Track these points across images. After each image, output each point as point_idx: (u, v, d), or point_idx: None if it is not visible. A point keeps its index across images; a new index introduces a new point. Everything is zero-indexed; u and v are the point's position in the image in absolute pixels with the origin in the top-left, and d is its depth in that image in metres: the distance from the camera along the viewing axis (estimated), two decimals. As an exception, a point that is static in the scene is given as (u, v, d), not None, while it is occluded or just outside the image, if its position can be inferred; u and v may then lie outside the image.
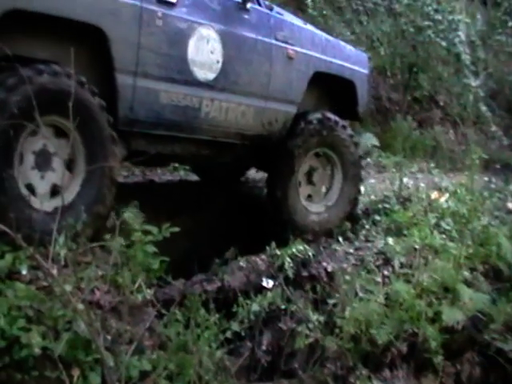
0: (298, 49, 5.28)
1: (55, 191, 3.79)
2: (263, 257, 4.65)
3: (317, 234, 5.46)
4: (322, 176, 5.66)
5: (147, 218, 3.76)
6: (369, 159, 9.20)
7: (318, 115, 5.43)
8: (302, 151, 5.37)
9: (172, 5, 4.34)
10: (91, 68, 4.02)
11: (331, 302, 4.40)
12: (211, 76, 4.63)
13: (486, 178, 8.64)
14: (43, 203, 3.67)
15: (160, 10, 4.25)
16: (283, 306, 4.27)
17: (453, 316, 4.46)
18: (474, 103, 12.33)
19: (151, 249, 3.49)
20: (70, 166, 3.86)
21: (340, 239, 5.46)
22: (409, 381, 4.22)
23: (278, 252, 4.67)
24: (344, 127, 5.58)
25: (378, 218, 6.09)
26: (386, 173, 8.25)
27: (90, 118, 3.83)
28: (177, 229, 3.62)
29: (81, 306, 3.05)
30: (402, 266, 5.02)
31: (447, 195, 6.76)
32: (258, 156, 5.43)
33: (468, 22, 12.68)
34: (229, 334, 3.81)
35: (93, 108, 3.86)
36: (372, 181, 7.71)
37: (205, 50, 4.56)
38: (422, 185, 7.42)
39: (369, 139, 9.99)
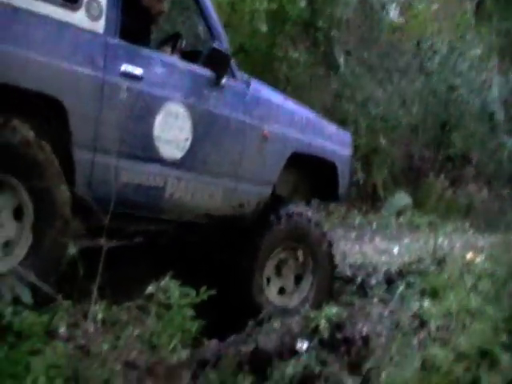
0: (275, 128, 5.02)
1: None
2: (297, 319, 4.59)
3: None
4: (292, 267, 5.35)
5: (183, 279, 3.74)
6: (401, 219, 9.18)
7: (290, 210, 5.13)
8: (268, 248, 5.07)
9: (138, 78, 4.14)
10: (49, 140, 3.80)
11: (367, 366, 4.31)
12: (178, 154, 4.40)
13: (523, 239, 8.52)
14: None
15: (124, 84, 4.05)
16: (318, 369, 4.19)
17: (492, 382, 4.35)
18: (508, 162, 12.26)
19: (189, 312, 3.45)
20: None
21: (375, 301, 5.39)
22: None
23: (312, 314, 4.61)
24: (317, 224, 5.30)
25: (412, 279, 6.01)
26: (420, 232, 8.22)
27: (39, 174, 3.67)
28: (214, 292, 3.57)
29: (118, 367, 3.05)
30: (438, 329, 4.92)
31: (483, 256, 6.68)
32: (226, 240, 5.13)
33: (501, 80, 12.69)
34: (263, 398, 3.75)
35: (42, 164, 3.68)
36: (406, 241, 7.66)
37: (173, 127, 4.33)
38: (457, 245, 7.36)
39: (401, 198, 9.99)
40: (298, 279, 5.36)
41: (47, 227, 3.73)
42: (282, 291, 5.31)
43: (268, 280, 5.19)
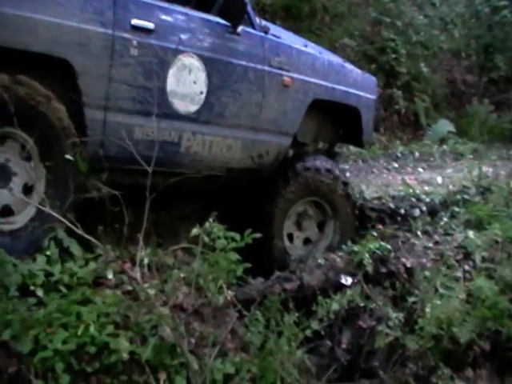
0: (296, 75, 4.85)
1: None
2: (341, 254, 4.62)
3: None
4: (312, 216, 5.29)
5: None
6: (445, 146, 9.06)
7: (296, 169, 5.00)
8: (281, 214, 4.97)
9: (149, 32, 3.99)
10: (61, 102, 3.73)
11: (411, 299, 4.34)
12: (193, 108, 4.28)
13: None
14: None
15: (135, 39, 3.90)
16: (362, 304, 4.23)
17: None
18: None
19: (234, 256, 3.50)
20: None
21: (418, 233, 5.37)
22: (492, 380, 4.15)
23: (356, 249, 4.62)
24: (328, 170, 5.12)
25: (456, 209, 5.96)
26: (464, 160, 8.12)
27: (27, 109, 3.59)
28: (259, 235, 3.60)
29: (165, 311, 3.13)
30: (483, 260, 4.90)
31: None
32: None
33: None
34: (308, 333, 3.82)
35: (25, 98, 3.57)
36: (449, 170, 7.58)
37: (186, 81, 4.20)
38: (502, 172, 7.25)
39: (444, 126, 9.83)
40: (322, 225, 5.33)
41: (53, 150, 3.70)
42: (307, 241, 5.29)
43: (291, 236, 5.16)
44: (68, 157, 3.68)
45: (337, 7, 11.14)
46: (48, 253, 3.40)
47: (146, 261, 3.52)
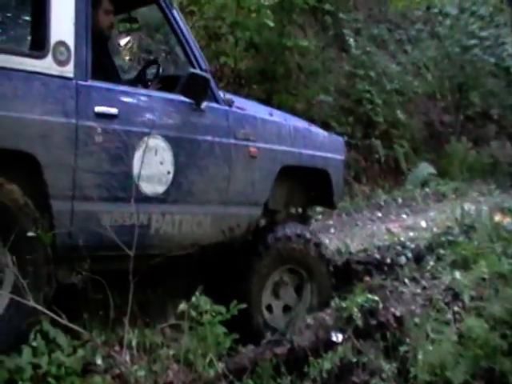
0: (262, 145, 4.83)
1: None
2: (329, 311, 4.66)
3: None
4: (288, 282, 5.20)
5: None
6: (427, 189, 9.18)
7: (280, 235, 4.96)
8: (257, 291, 4.88)
9: (113, 117, 3.98)
10: (27, 194, 3.69)
11: (403, 348, 4.37)
12: (161, 189, 4.24)
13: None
14: None
15: (99, 126, 3.88)
16: (355, 359, 4.25)
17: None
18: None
19: (221, 329, 3.56)
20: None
21: (406, 281, 5.42)
22: (491, 419, 4.15)
23: (344, 304, 4.66)
24: (298, 236, 5.06)
25: (442, 251, 6.01)
26: (446, 201, 8.22)
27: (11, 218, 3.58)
28: (245, 305, 3.65)
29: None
30: (472, 299, 4.93)
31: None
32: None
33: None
34: (303, 395, 3.85)
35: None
36: (432, 213, 7.66)
37: (153, 162, 4.16)
38: (485, 208, 7.33)
39: (424, 168, 9.98)
40: (299, 288, 5.27)
41: (15, 234, 3.55)
42: (287, 308, 5.21)
43: (270, 307, 5.07)
44: (30, 234, 3.61)
45: (311, 65, 11.35)
46: (34, 344, 3.38)
47: (134, 342, 3.58)
